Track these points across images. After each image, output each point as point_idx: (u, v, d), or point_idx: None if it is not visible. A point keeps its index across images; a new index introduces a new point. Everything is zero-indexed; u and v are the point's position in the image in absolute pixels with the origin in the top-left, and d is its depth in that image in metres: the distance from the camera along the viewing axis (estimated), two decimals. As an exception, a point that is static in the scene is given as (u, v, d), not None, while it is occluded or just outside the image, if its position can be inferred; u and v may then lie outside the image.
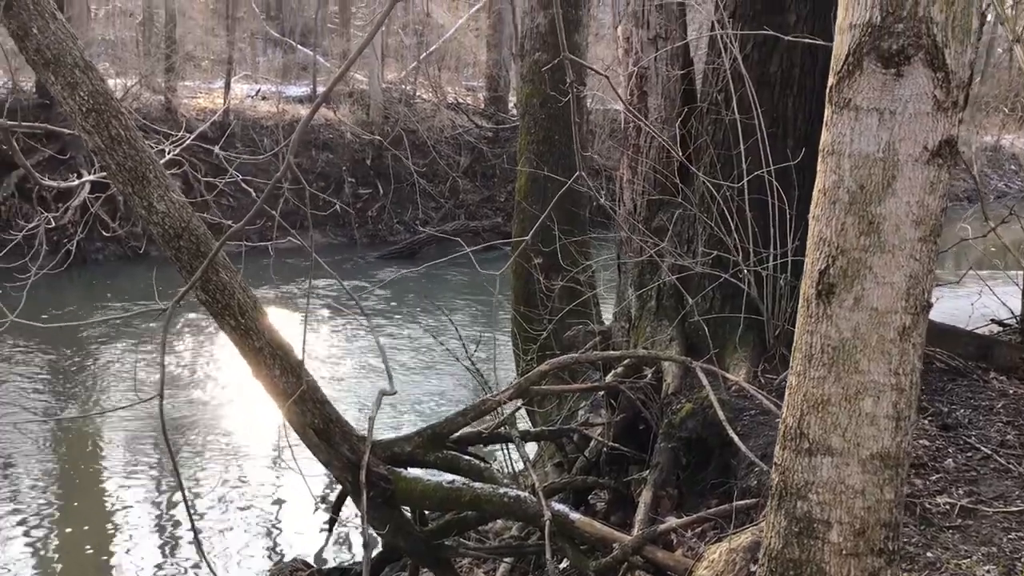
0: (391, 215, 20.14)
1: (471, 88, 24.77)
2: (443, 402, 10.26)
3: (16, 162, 15.85)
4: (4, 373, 11.28)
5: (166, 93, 18.96)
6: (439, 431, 4.76)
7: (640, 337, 5.57)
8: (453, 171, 20.81)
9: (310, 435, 4.43)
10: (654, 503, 4.46)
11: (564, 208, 6.86)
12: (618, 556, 3.98)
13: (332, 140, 20.08)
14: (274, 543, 7.60)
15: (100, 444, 9.42)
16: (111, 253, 16.93)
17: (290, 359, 4.29)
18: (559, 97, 6.18)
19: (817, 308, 2.20)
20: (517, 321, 7.84)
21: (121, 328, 12.91)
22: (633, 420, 5.16)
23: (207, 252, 3.97)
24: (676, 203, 5.35)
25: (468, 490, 4.45)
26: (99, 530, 7.78)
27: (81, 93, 3.63)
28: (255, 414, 9.12)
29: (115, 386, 11.16)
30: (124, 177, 3.82)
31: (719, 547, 3.45)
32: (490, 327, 12.22)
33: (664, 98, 5.49)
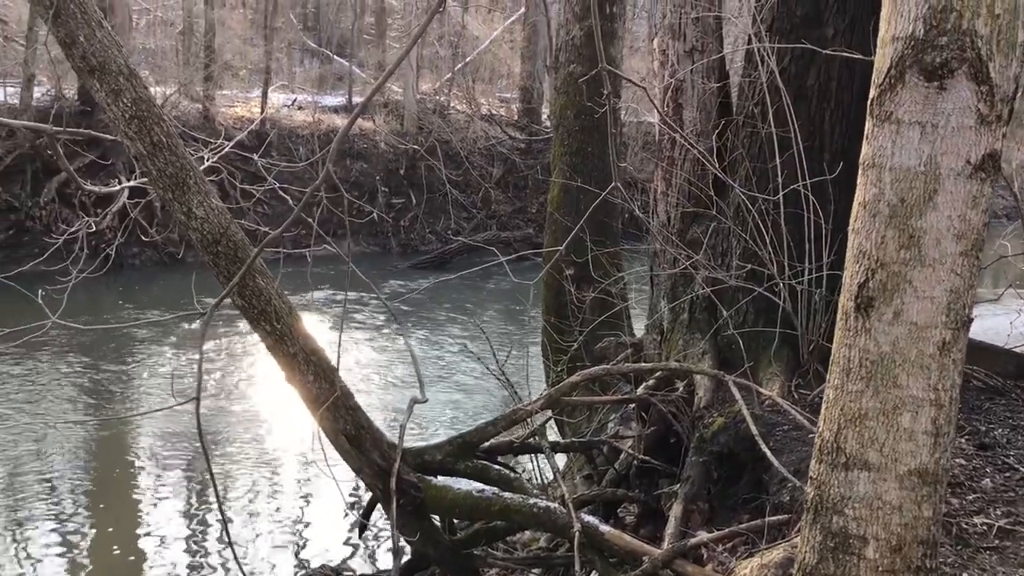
0: (423, 225, 20.24)
1: (504, 100, 24.87)
2: (473, 412, 10.27)
3: (60, 166, 16.15)
4: (43, 376, 11.46)
5: (204, 102, 19.22)
6: (469, 440, 4.77)
7: (672, 350, 5.54)
8: (486, 182, 20.89)
9: (342, 441, 4.46)
10: (684, 517, 4.43)
11: (597, 219, 6.85)
12: (648, 569, 3.95)
13: (366, 150, 20.24)
14: (303, 549, 7.63)
15: (136, 447, 9.53)
16: (148, 259, 17.16)
17: (323, 365, 4.33)
18: (596, 107, 6.17)
19: (856, 321, 2.18)
20: (548, 332, 7.83)
21: (158, 332, 13.10)
22: (664, 433, 5.13)
23: (244, 258, 4.03)
24: (710, 216, 5.33)
25: (498, 499, 4.45)
26: (132, 532, 7.86)
27: (124, 100, 3.70)
28: (288, 420, 9.19)
29: (152, 389, 11.31)
30: (165, 183, 3.89)
31: (750, 563, 3.42)
32: (520, 337, 12.24)
33: (699, 111, 5.47)
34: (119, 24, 17.85)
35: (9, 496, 8.27)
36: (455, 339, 13.14)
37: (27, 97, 17.32)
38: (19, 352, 11.62)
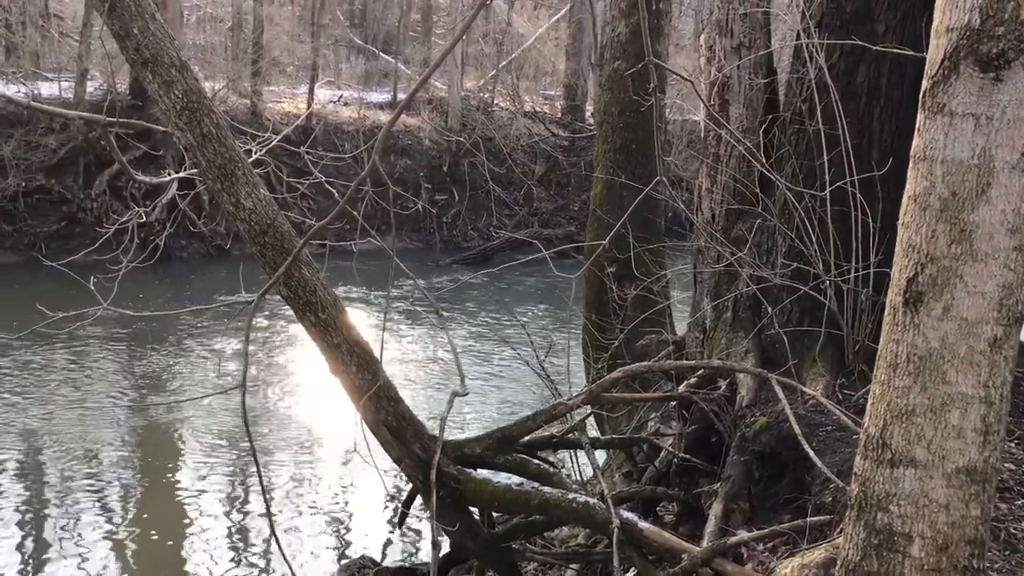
0: (466, 221, 20.30)
1: (548, 97, 24.86)
2: (512, 407, 10.28)
3: (112, 158, 16.43)
4: (93, 361, 11.73)
5: (252, 97, 19.47)
6: (509, 434, 4.78)
7: (715, 348, 5.50)
8: (528, 179, 20.90)
9: (383, 432, 4.49)
10: (725, 516, 4.40)
11: (641, 216, 6.80)
12: (687, 567, 3.93)
13: (410, 146, 20.35)
14: (344, 539, 7.72)
15: (181, 433, 9.71)
16: (195, 251, 17.43)
17: (367, 356, 4.36)
18: (642, 100, 6.13)
19: (904, 316, 2.15)
20: (588, 329, 7.81)
21: (205, 321, 13.34)
22: (705, 432, 5.10)
23: (291, 249, 4.07)
24: (756, 213, 5.28)
25: (537, 494, 4.46)
26: (176, 517, 8.01)
27: (176, 91, 3.76)
28: (331, 410, 9.29)
29: (198, 377, 11.52)
30: (214, 174, 3.94)
31: (791, 562, 3.39)
32: (561, 334, 12.23)
33: (746, 107, 5.42)
34: (170, 19, 18.15)
35: (57, 478, 8.46)
36: (496, 335, 13.17)
37: (80, 91, 17.68)
38: (71, 338, 11.91)
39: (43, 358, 11.61)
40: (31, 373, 11.14)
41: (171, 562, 7.20)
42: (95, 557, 7.14)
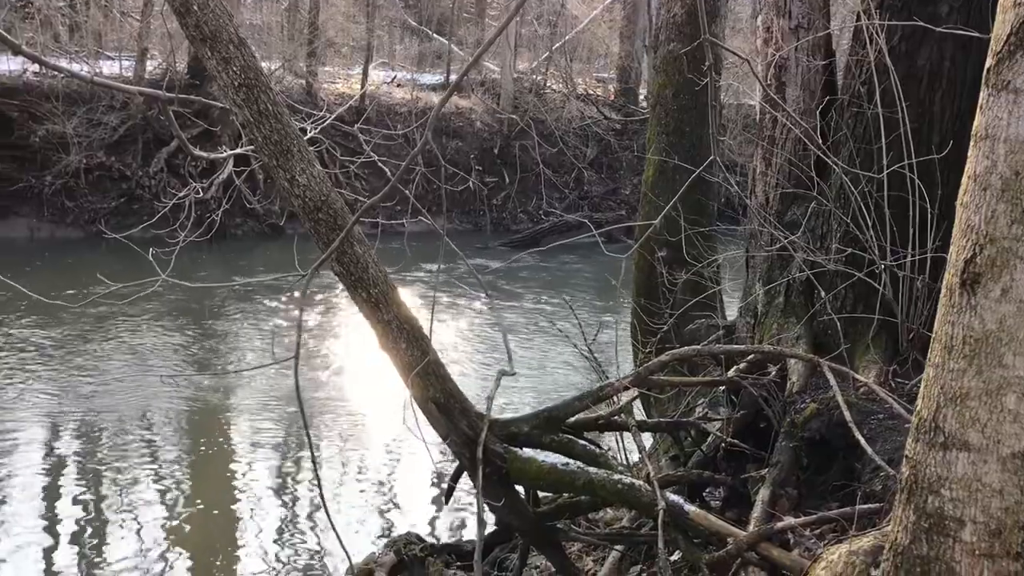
0: (516, 204, 20.31)
1: (601, 79, 24.69)
2: (558, 388, 10.30)
3: (171, 133, 16.72)
4: (149, 332, 12.06)
5: (307, 77, 19.67)
6: (555, 414, 4.78)
7: (765, 334, 5.45)
8: (579, 162, 20.81)
9: (431, 408, 4.53)
10: (771, 502, 4.37)
11: (693, 198, 6.75)
12: (732, 551, 3.92)
13: (462, 128, 20.39)
14: (390, 514, 7.82)
15: (234, 403, 9.94)
16: (250, 229, 17.71)
17: (416, 333, 4.40)
18: (697, 80, 6.05)
19: (960, 298, 2.11)
20: (637, 314, 7.77)
21: (259, 296, 13.66)
22: (754, 418, 5.06)
23: (343, 225, 4.11)
24: (811, 197, 5.21)
25: (582, 474, 4.46)
26: (227, 486, 8.20)
27: (234, 68, 3.82)
28: (380, 385, 9.42)
29: (252, 349, 11.77)
30: (270, 150, 4.00)
31: (838, 548, 3.35)
32: (609, 318, 12.19)
33: (803, 89, 5.34)
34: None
35: (113, 446, 8.71)
36: (544, 316, 13.20)
37: (140, 70, 18.04)
38: (129, 310, 12.24)
39: (102, 329, 11.96)
40: (91, 343, 11.46)
41: (221, 530, 7.37)
42: (148, 523, 7.34)
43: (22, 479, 7.95)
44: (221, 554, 6.98)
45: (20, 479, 7.95)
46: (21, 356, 11.00)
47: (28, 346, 11.31)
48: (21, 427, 8.98)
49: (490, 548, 6.50)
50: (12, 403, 9.54)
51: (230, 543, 7.16)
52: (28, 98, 17.13)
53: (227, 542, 7.17)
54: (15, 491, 7.74)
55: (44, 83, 17.44)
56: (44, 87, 17.32)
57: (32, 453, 8.49)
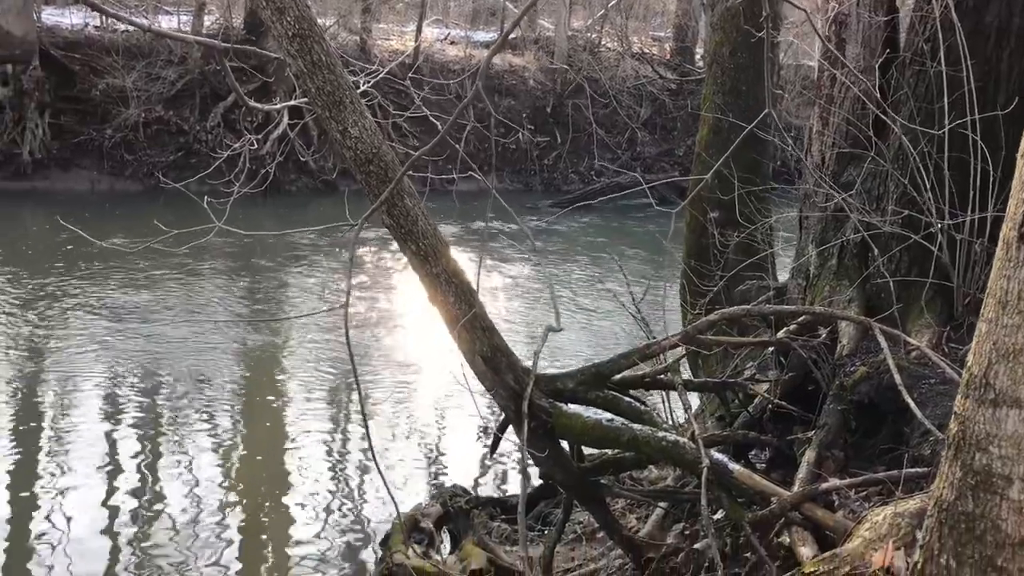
0: (567, 164, 20.18)
1: (657, 38, 24.30)
2: (603, 346, 10.31)
3: (226, 89, 16.89)
4: (204, 280, 12.39)
5: (361, 34, 19.68)
6: (602, 371, 4.79)
7: (817, 296, 5.39)
8: (633, 122, 20.57)
9: (478, 362, 4.57)
10: (817, 464, 4.35)
11: (747, 157, 6.65)
12: (776, 510, 3.92)
13: (514, 87, 20.27)
14: (436, 466, 7.95)
15: (284, 352, 10.18)
16: (303, 185, 17.89)
17: (464, 287, 4.43)
18: (754, 33, 5.91)
19: (1017, 252, 2.06)
20: (687, 275, 7.72)
21: (311, 247, 13.93)
22: (802, 380, 5.03)
23: (394, 178, 4.14)
24: (868, 157, 5.10)
25: (627, 430, 4.48)
26: (277, 433, 8.40)
27: (288, 18, 3.84)
28: (428, 338, 9.54)
29: (303, 298, 12.01)
30: (323, 101, 4.02)
31: (883, 510, 3.34)
32: (658, 278, 12.15)
33: (864, 46, 5.21)
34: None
35: (167, 391, 8.96)
36: (592, 275, 13.19)
37: (198, 24, 18.23)
38: (183, 260, 12.53)
39: (159, 277, 12.27)
40: (148, 291, 11.76)
41: (271, 478, 7.55)
42: (201, 469, 7.54)
43: (82, 423, 8.22)
44: (271, 502, 7.16)
45: (79, 423, 8.23)
46: (82, 302, 11.32)
47: (88, 293, 11.63)
48: (81, 371, 9.27)
49: (534, 503, 6.59)
50: (74, 347, 9.84)
51: (280, 491, 7.34)
52: (89, 52, 17.44)
53: (277, 490, 7.35)
54: (75, 435, 8.01)
55: (105, 37, 17.73)
56: (105, 41, 17.61)
57: (91, 398, 8.76)
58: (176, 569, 6.20)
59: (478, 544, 5.95)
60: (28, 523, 6.57)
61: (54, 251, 13.42)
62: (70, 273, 12.38)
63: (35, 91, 16.50)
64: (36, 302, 11.25)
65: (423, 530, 6.28)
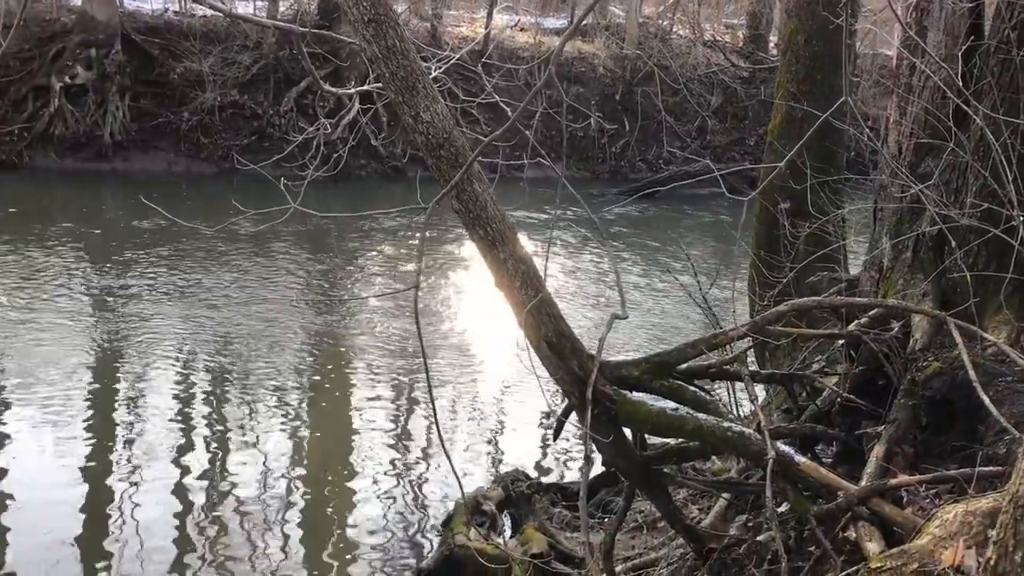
0: (635, 152, 20.04)
1: (730, 26, 23.96)
2: (668, 335, 10.27)
3: (300, 74, 17.19)
4: (278, 259, 12.67)
5: (432, 20, 19.79)
6: (667, 359, 4.77)
7: (890, 289, 5.28)
8: (703, 110, 20.33)
9: (543, 347, 4.58)
10: (887, 459, 4.28)
11: (821, 147, 6.52)
12: (842, 504, 3.87)
13: (583, 74, 20.18)
14: (498, 450, 8.01)
15: (353, 332, 10.40)
16: (373, 170, 18.11)
17: (531, 272, 4.45)
18: (831, 18, 5.77)
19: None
20: (756, 265, 7.62)
21: (381, 230, 14.24)
22: (872, 374, 4.94)
23: (464, 163, 4.18)
24: (947, 148, 4.96)
25: (691, 419, 4.46)
26: (344, 412, 8.57)
27: (364, 3, 3.89)
28: (494, 323, 9.63)
29: (372, 283, 12.23)
30: (396, 86, 4.07)
31: (955, 508, 3.27)
32: (724, 269, 12.04)
33: (946, 33, 5.06)
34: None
35: (239, 369, 9.20)
36: (659, 264, 13.11)
37: (273, 10, 18.57)
38: (256, 241, 12.87)
39: (233, 257, 12.59)
40: (221, 271, 12.06)
41: (336, 458, 7.71)
42: (266, 447, 7.72)
43: (153, 402, 8.49)
44: (335, 482, 7.31)
45: (151, 402, 8.50)
46: (156, 280, 11.67)
47: (163, 272, 11.98)
48: (154, 350, 9.56)
49: (595, 490, 6.61)
50: (148, 326, 10.14)
51: (344, 471, 7.49)
52: (168, 36, 17.90)
53: (341, 470, 7.50)
54: (147, 414, 8.27)
55: (183, 22, 18.17)
56: (183, 26, 18.06)
57: (163, 377, 9.03)
58: (242, 545, 6.39)
59: (539, 529, 6.01)
60: (102, 500, 6.80)
61: (132, 231, 13.85)
62: (147, 252, 12.77)
63: (116, 75, 16.98)
64: (113, 280, 11.64)
65: (485, 513, 6.36)
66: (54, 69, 16.83)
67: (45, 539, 6.21)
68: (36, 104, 16.79)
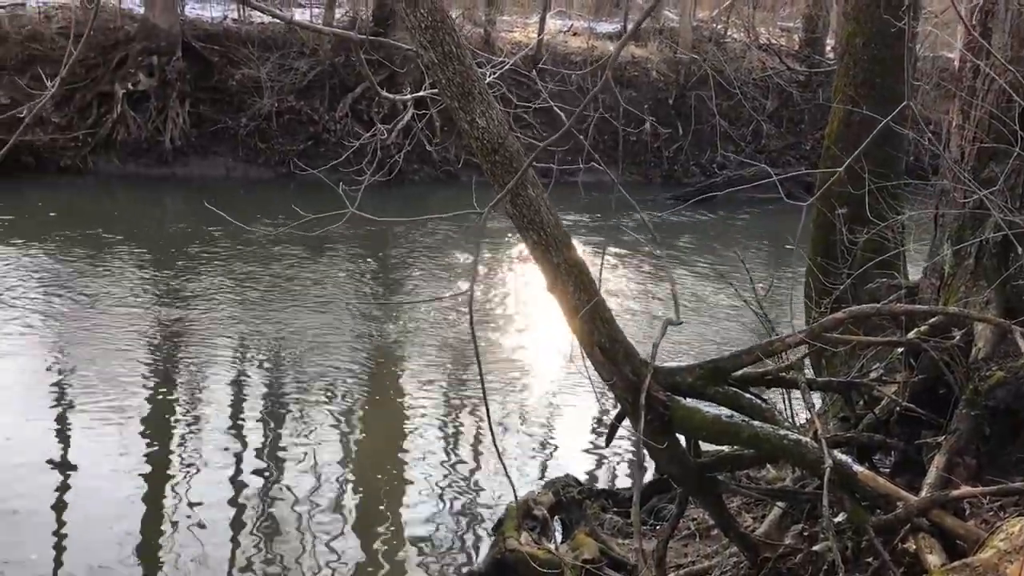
0: (688, 156, 19.89)
1: (786, 29, 23.66)
2: (722, 342, 10.17)
3: (355, 80, 17.37)
4: (332, 266, 12.83)
5: (485, 26, 19.88)
6: (722, 366, 4.73)
7: (952, 296, 5.17)
8: (758, 114, 20.10)
9: (596, 352, 4.58)
10: (948, 469, 4.20)
11: (880, 151, 6.41)
12: (902, 515, 3.81)
13: (636, 78, 20.09)
14: (549, 455, 8.00)
15: (407, 335, 10.48)
16: (425, 175, 18.23)
17: (584, 277, 4.45)
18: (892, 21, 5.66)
19: None
20: (812, 272, 7.52)
21: (435, 235, 14.45)
22: (933, 383, 4.86)
23: (518, 168, 4.20)
24: (1012, 153, 4.85)
25: (747, 427, 4.42)
26: (397, 414, 8.63)
27: (422, 10, 3.93)
28: (546, 327, 9.64)
29: (427, 287, 12.36)
30: (452, 92, 4.11)
31: (1020, 521, 3.20)
32: (780, 274, 11.91)
33: (1012, 36, 4.94)
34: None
35: (292, 370, 9.34)
36: (713, 269, 12.99)
37: (329, 17, 18.84)
38: (314, 245, 13.08)
39: (290, 261, 12.78)
40: (277, 275, 12.25)
41: (388, 459, 7.75)
42: (319, 447, 7.78)
43: (210, 402, 8.64)
44: (387, 483, 7.36)
45: (208, 401, 8.66)
46: (215, 283, 11.89)
47: (221, 275, 12.19)
48: (211, 352, 9.73)
49: (648, 497, 6.56)
50: (205, 328, 10.33)
51: (396, 472, 7.53)
52: (227, 44, 18.24)
53: (393, 471, 7.55)
54: (203, 413, 8.43)
55: (242, 29, 18.52)
56: (242, 33, 18.40)
57: (219, 378, 9.18)
58: (294, 542, 6.48)
59: (590, 535, 5.98)
60: (160, 499, 6.92)
61: (191, 234, 14.12)
62: (205, 255, 13.01)
63: (177, 81, 17.35)
64: (172, 281, 11.88)
65: (535, 517, 6.35)
66: (117, 76, 17.24)
67: (108, 534, 6.35)
68: (100, 110, 17.21)
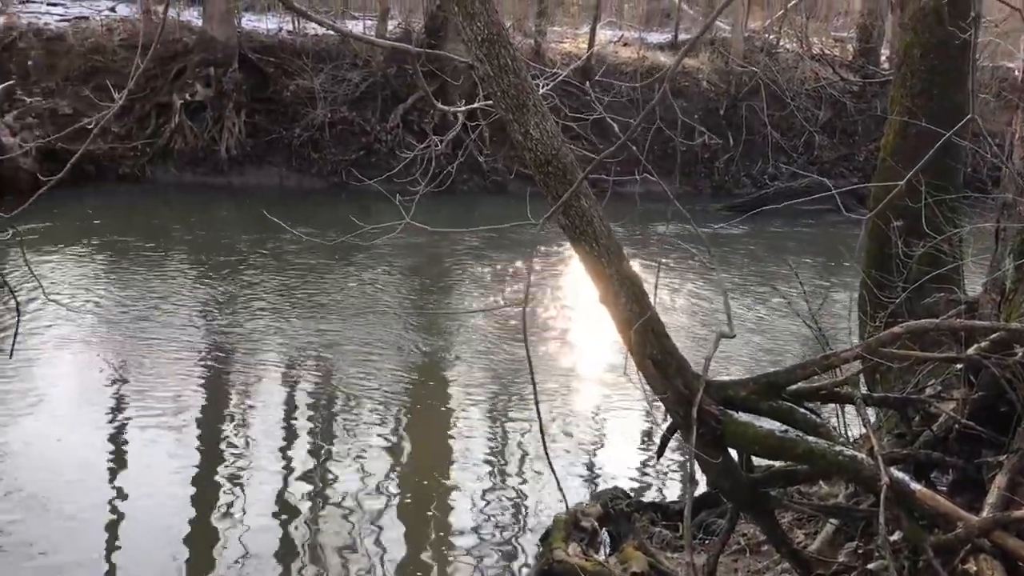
0: (739, 167, 19.71)
1: (840, 39, 23.35)
2: (775, 356, 10.05)
3: (408, 91, 17.51)
4: (385, 275, 12.93)
5: (536, 36, 19.94)
6: (776, 380, 4.69)
7: (1014, 312, 5.07)
8: (810, 125, 19.86)
9: (647, 365, 4.56)
10: (1010, 489, 4.10)
11: (939, 163, 6.30)
12: (962, 535, 3.73)
13: (687, 88, 19.97)
14: (598, 468, 7.97)
15: (458, 345, 10.53)
16: (475, 185, 18.31)
17: (637, 289, 4.44)
18: (956, 33, 5.56)
19: None
20: (867, 285, 7.41)
21: (488, 245, 14.43)
22: (994, 400, 4.75)
23: (572, 179, 4.21)
24: (1078, 166, 4.75)
25: (802, 442, 4.37)
26: (445, 423, 8.67)
27: (478, 23, 3.97)
28: (598, 339, 9.60)
29: (480, 296, 12.38)
30: (507, 104, 4.14)
31: (1087, 544, 3.11)
32: (835, 287, 11.75)
33: (1078, 46, 4.85)
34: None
35: (341, 378, 9.42)
36: (766, 282, 12.85)
37: (382, 28, 19.06)
38: (367, 254, 13.22)
39: (343, 269, 12.96)
40: (331, 283, 12.41)
41: (435, 468, 7.78)
42: (367, 456, 7.84)
43: (259, 409, 8.77)
44: (434, 492, 7.38)
45: (257, 407, 8.79)
46: (267, 290, 12.07)
47: (274, 283, 12.37)
48: (262, 359, 9.88)
49: (697, 511, 6.51)
50: (256, 335, 10.49)
51: (443, 482, 7.55)
52: (282, 55, 18.56)
53: (441, 480, 7.57)
54: (252, 419, 8.56)
55: (296, 41, 18.82)
56: (296, 45, 18.70)
57: (268, 385, 9.32)
58: (340, 548, 6.54)
59: (639, 548, 5.95)
60: (210, 503, 7.03)
61: (246, 242, 14.36)
62: (258, 263, 13.22)
63: (233, 92, 17.68)
64: (226, 288, 12.09)
65: (584, 529, 6.33)
66: (175, 87, 17.63)
67: (158, 538, 6.47)
68: (158, 120, 17.62)
